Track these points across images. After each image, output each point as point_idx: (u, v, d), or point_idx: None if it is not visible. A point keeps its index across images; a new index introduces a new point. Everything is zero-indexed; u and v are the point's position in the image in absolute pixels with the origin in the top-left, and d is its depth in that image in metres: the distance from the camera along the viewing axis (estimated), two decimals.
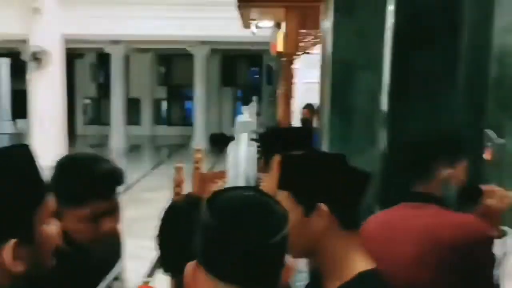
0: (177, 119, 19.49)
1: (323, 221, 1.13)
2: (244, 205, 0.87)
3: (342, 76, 2.35)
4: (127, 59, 16.80)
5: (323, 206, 1.12)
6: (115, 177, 1.44)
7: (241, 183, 2.90)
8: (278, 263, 0.85)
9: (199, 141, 15.58)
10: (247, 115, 8.50)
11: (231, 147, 2.95)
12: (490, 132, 6.69)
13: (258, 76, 19.20)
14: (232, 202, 0.87)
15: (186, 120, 19.11)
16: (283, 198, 1.15)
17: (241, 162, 2.82)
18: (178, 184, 4.00)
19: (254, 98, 12.07)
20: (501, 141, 6.38)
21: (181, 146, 16.05)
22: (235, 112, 16.61)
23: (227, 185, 3.01)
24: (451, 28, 2.03)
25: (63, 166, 1.43)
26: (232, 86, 19.20)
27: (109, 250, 1.54)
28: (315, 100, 4.39)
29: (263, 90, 18.20)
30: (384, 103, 2.20)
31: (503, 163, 6.65)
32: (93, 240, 1.44)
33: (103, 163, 1.44)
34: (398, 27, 2.07)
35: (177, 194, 3.98)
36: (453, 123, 2.17)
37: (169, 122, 19.42)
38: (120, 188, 1.47)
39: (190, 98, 17.56)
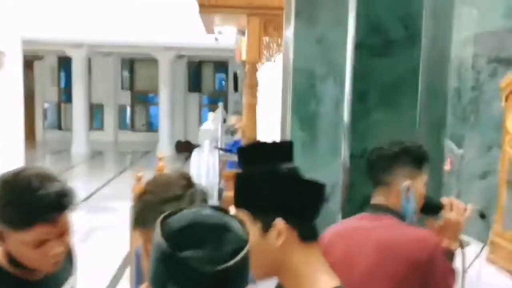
0: (141, 125, 19.20)
1: (282, 236, 1.10)
2: (199, 226, 0.80)
3: (303, 85, 2.32)
4: (89, 63, 16.44)
5: (280, 221, 1.10)
6: (62, 200, 1.30)
7: None
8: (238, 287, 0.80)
9: (164, 147, 15.39)
10: (211, 122, 8.43)
11: (194, 156, 2.87)
12: (450, 143, 6.83)
13: (225, 82, 19.14)
14: (187, 223, 0.81)
15: (151, 126, 18.85)
16: (242, 216, 1.11)
17: (202, 171, 2.75)
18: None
19: (220, 104, 12.01)
20: (461, 151, 6.54)
21: (145, 153, 15.80)
22: (201, 119, 16.50)
23: None
24: (410, 39, 2.03)
25: (4, 186, 1.29)
26: (199, 92, 19.07)
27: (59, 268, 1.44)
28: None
29: (230, 96, 18.16)
30: (345, 113, 2.18)
31: (462, 173, 6.81)
32: (39, 264, 1.34)
33: (49, 183, 1.29)
34: (358, 36, 2.06)
35: None
36: (413, 134, 2.17)
37: (133, 128, 19.10)
38: (70, 209, 1.34)
39: (156, 103, 17.34)
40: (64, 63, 17.52)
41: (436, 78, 2.33)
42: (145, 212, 1.23)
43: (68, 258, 1.52)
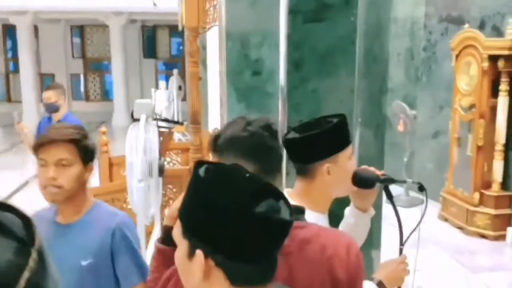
0: (95, 94, 18.58)
1: (201, 271, 0.86)
2: None
3: (237, 54, 2.18)
4: (36, 30, 15.64)
5: (200, 254, 0.85)
6: None
7: (140, 169, 2.70)
8: None
9: (120, 116, 15.01)
10: (163, 91, 8.18)
11: (130, 131, 2.72)
12: (402, 104, 6.88)
13: (182, 47, 18.65)
14: None
15: (105, 95, 18.28)
16: (176, 228, 0.92)
17: (139, 147, 2.62)
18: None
19: (175, 71, 11.67)
20: (413, 112, 6.61)
21: (101, 123, 15.35)
22: (158, 86, 16.09)
23: (127, 172, 2.80)
24: (346, 3, 1.92)
25: None
26: (154, 58, 18.52)
27: None
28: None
29: (187, 62, 17.73)
30: (281, 82, 2.07)
31: (415, 133, 6.90)
32: None
33: None
34: (292, 1, 1.93)
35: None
36: (352, 101, 2.09)
37: (87, 97, 18.47)
38: None
39: (110, 71, 16.76)
40: (10, 31, 16.60)
41: (375, 43, 2.24)
42: None
43: None
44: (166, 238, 1.30)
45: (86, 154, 1.68)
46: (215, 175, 0.87)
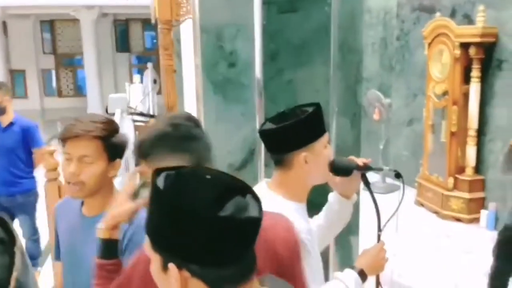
0: (68, 90, 18.26)
1: (177, 285, 0.82)
2: None
3: (212, 45, 2.17)
4: (4, 26, 15.24)
5: (174, 267, 0.81)
6: None
7: None
8: None
9: (94, 112, 14.80)
10: (138, 85, 8.10)
11: None
12: (377, 93, 6.95)
13: (155, 40, 18.44)
14: None
15: (78, 91, 17.98)
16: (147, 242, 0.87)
17: None
18: (52, 169, 3.50)
19: (149, 65, 11.54)
20: (388, 100, 6.69)
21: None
22: (132, 80, 15.90)
23: None
24: None
25: None
26: (127, 52, 18.28)
27: None
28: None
29: (161, 55, 17.52)
30: (257, 74, 2.06)
31: (390, 121, 6.99)
32: None
33: None
34: None
35: (51, 180, 3.53)
36: (327, 91, 2.11)
37: (59, 93, 18.13)
38: None
39: (82, 66, 16.49)
40: None
41: (349, 33, 2.25)
42: None
43: None
44: (104, 251, 1.28)
45: (113, 151, 1.59)
46: (175, 183, 0.83)
